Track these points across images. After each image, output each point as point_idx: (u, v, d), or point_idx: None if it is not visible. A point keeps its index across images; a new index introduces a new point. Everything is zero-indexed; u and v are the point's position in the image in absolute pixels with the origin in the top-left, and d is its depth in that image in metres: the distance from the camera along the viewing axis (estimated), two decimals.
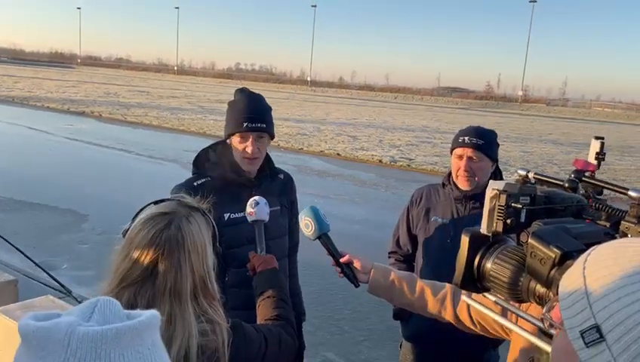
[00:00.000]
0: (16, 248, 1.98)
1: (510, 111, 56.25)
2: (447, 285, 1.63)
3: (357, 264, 1.69)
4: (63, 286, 1.92)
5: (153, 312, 0.70)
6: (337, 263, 1.71)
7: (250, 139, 2.11)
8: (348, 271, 1.69)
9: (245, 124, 2.08)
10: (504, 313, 1.23)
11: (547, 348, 0.83)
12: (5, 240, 2.11)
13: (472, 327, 1.56)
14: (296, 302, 2.36)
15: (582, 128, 35.42)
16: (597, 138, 1.07)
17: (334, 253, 1.72)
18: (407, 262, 2.62)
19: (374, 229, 7.64)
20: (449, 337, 2.17)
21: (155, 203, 1.29)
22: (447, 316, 1.60)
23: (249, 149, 2.10)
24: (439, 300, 1.60)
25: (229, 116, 2.17)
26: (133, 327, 0.66)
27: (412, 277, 1.70)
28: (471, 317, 1.54)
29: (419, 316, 2.00)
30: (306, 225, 1.72)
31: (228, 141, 2.19)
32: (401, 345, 2.66)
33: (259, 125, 2.11)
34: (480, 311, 1.46)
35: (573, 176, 0.95)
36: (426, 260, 2.48)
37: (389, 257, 2.70)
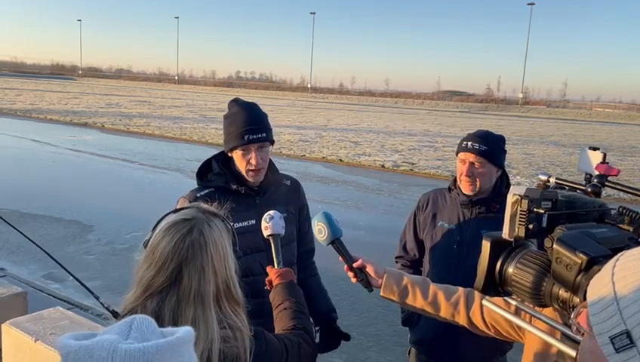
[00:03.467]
0: (62, 265, 1.99)
1: (511, 113, 56.26)
2: (460, 289, 1.64)
3: (370, 269, 1.70)
4: (91, 292, 1.92)
5: (188, 329, 0.72)
6: (351, 268, 1.72)
7: (253, 151, 2.10)
8: (361, 275, 1.70)
9: (246, 137, 2.07)
10: (518, 315, 1.23)
11: (571, 352, 0.83)
12: (49, 255, 2.13)
13: (486, 330, 1.57)
14: (323, 300, 2.38)
15: (583, 129, 35.40)
16: (593, 148, 1.06)
17: (347, 258, 1.72)
18: (413, 267, 2.62)
19: (379, 234, 7.64)
20: (457, 343, 2.17)
21: (174, 211, 1.30)
22: (461, 320, 1.60)
23: (253, 161, 2.10)
24: (452, 304, 1.61)
25: (228, 130, 2.15)
26: (172, 343, 0.68)
27: (425, 282, 1.70)
28: (484, 320, 1.55)
29: (427, 322, 2.00)
30: (319, 230, 1.73)
31: (230, 154, 2.18)
32: (409, 352, 2.66)
33: (260, 135, 2.10)
34: (493, 314, 1.47)
35: (596, 180, 0.95)
36: (432, 265, 2.48)
37: (396, 262, 2.70)
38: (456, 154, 2.44)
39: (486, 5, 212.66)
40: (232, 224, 1.37)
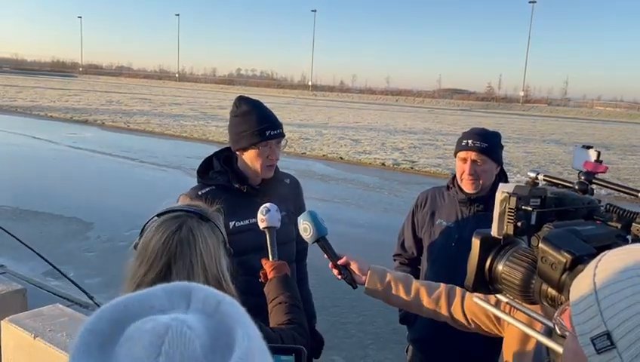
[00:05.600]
0: (44, 257, 1.98)
1: (512, 111, 56.18)
2: (442, 285, 1.66)
3: (354, 266, 1.71)
4: (85, 292, 1.92)
5: (245, 352, 0.48)
6: (335, 265, 1.74)
7: (273, 147, 2.13)
8: (346, 273, 1.72)
9: (268, 133, 2.09)
10: (499, 308, 1.25)
11: (560, 350, 0.84)
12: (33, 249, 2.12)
13: (467, 325, 1.60)
14: (307, 306, 2.38)
15: (584, 128, 35.37)
16: (587, 147, 1.06)
17: (332, 256, 1.74)
18: (412, 265, 2.62)
19: (379, 232, 7.64)
20: (455, 341, 2.17)
21: (159, 215, 1.30)
22: (442, 315, 1.63)
23: (273, 156, 2.13)
24: (434, 300, 1.63)
25: (241, 128, 2.13)
26: None
27: (408, 278, 1.72)
28: (465, 315, 1.58)
29: (424, 320, 2.01)
30: (304, 228, 1.75)
31: (239, 152, 2.17)
32: (407, 350, 2.66)
33: (279, 131, 2.14)
34: (473, 309, 1.50)
35: (583, 178, 0.95)
36: (430, 263, 2.49)
37: (394, 260, 2.71)
38: (455, 154, 2.43)
39: (487, 3, 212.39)
40: (223, 221, 1.38)
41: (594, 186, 0.95)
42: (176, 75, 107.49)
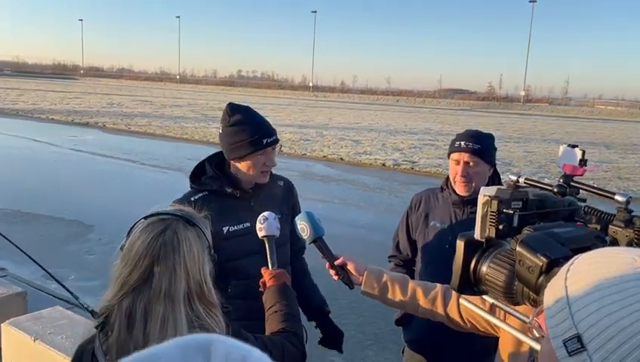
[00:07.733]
0: (32, 258, 1.99)
1: (513, 111, 56.12)
2: (438, 285, 1.67)
3: (351, 266, 1.73)
4: (71, 293, 1.95)
5: None
6: (332, 266, 1.75)
7: (270, 153, 2.16)
8: (342, 273, 1.73)
9: (265, 141, 2.11)
10: (493, 312, 1.27)
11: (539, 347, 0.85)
12: (22, 250, 2.13)
13: (463, 325, 1.61)
14: (316, 294, 2.41)
15: (585, 127, 35.32)
16: (572, 146, 1.07)
17: (329, 257, 1.75)
18: (406, 266, 2.63)
19: (379, 233, 7.65)
20: (451, 341, 2.19)
21: (145, 218, 1.31)
22: (438, 315, 1.64)
23: (270, 162, 2.16)
24: (430, 300, 1.64)
25: (239, 137, 2.11)
26: None
27: (404, 279, 1.73)
28: (461, 315, 1.59)
29: (420, 320, 2.03)
30: (301, 229, 1.76)
31: (235, 161, 2.16)
32: (403, 351, 2.67)
33: (274, 138, 2.16)
34: (469, 310, 1.51)
35: (561, 180, 0.97)
36: (424, 265, 2.49)
37: (389, 261, 2.72)
38: (449, 155, 2.44)
39: (487, 3, 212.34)
40: (210, 228, 1.38)
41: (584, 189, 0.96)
42: (177, 77, 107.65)
